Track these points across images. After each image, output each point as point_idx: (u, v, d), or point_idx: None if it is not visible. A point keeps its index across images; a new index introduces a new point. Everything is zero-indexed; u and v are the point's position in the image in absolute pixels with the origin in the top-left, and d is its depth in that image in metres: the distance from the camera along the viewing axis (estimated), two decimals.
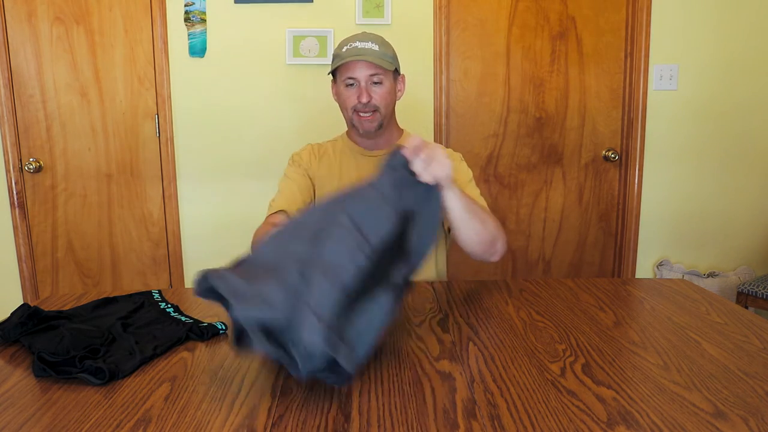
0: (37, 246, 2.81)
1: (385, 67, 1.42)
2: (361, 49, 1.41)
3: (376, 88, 1.44)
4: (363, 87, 1.43)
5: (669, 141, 2.78)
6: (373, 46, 1.42)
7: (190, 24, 2.65)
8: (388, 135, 1.54)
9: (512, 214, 2.86)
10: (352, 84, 1.44)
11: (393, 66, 1.46)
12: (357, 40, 1.43)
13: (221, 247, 2.79)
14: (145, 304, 1.24)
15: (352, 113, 1.46)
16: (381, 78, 1.43)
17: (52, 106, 2.70)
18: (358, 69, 1.42)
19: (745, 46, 2.71)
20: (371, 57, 1.40)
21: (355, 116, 1.46)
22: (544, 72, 2.75)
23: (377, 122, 1.47)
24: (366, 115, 1.45)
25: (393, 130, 1.56)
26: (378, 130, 1.48)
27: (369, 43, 1.43)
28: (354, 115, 1.46)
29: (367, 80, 1.43)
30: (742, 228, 2.86)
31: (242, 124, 2.74)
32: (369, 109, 1.44)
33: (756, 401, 0.83)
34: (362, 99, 1.42)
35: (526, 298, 1.31)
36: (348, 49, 1.43)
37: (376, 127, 1.47)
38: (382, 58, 1.43)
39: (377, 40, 1.45)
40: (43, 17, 2.64)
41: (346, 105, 1.47)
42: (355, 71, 1.42)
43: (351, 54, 1.41)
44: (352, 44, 1.43)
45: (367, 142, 1.54)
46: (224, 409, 0.83)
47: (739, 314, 1.20)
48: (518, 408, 0.82)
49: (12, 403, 0.85)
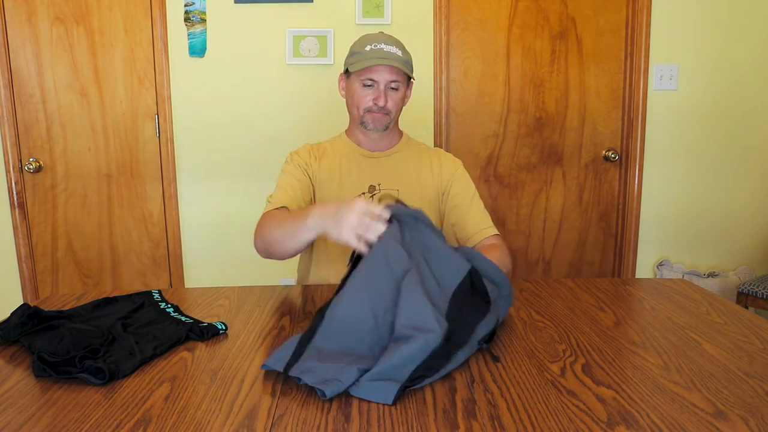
0: (37, 246, 2.81)
1: (408, 74, 1.43)
2: (387, 53, 1.40)
3: (392, 93, 1.44)
4: (382, 90, 1.42)
5: (669, 141, 2.78)
6: (397, 52, 1.42)
7: (190, 24, 2.65)
8: (390, 137, 1.54)
9: (512, 214, 2.86)
10: (371, 85, 1.43)
11: (411, 74, 1.46)
12: (382, 42, 1.42)
13: (221, 247, 2.79)
14: (145, 304, 1.24)
15: (364, 112, 1.46)
16: (398, 84, 1.44)
17: (52, 106, 2.70)
18: (382, 72, 1.41)
19: (745, 46, 2.71)
20: (398, 63, 1.40)
21: (366, 114, 1.46)
22: (544, 72, 2.75)
23: (386, 122, 1.47)
24: (377, 114, 1.45)
25: (395, 132, 1.57)
26: (385, 130, 1.49)
27: (394, 47, 1.42)
28: (365, 114, 1.46)
29: (387, 84, 1.43)
30: (742, 228, 2.86)
31: (242, 124, 2.74)
32: (382, 112, 1.45)
33: (756, 401, 0.83)
34: (379, 102, 1.43)
35: (526, 298, 1.31)
36: (372, 49, 1.41)
37: (385, 126, 1.48)
38: (404, 63, 1.42)
39: (400, 46, 1.45)
40: (43, 17, 2.64)
41: (359, 104, 1.46)
42: (379, 74, 1.41)
43: (377, 56, 1.40)
44: (377, 45, 1.42)
45: (368, 142, 1.53)
46: (224, 409, 0.83)
47: (739, 314, 1.20)
48: (518, 408, 0.82)
49: (12, 403, 0.85)
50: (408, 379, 0.85)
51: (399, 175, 1.52)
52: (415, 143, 1.60)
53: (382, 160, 1.53)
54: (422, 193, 1.51)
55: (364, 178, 1.51)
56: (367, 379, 0.85)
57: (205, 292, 1.41)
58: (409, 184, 1.51)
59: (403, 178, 1.51)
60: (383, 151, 1.53)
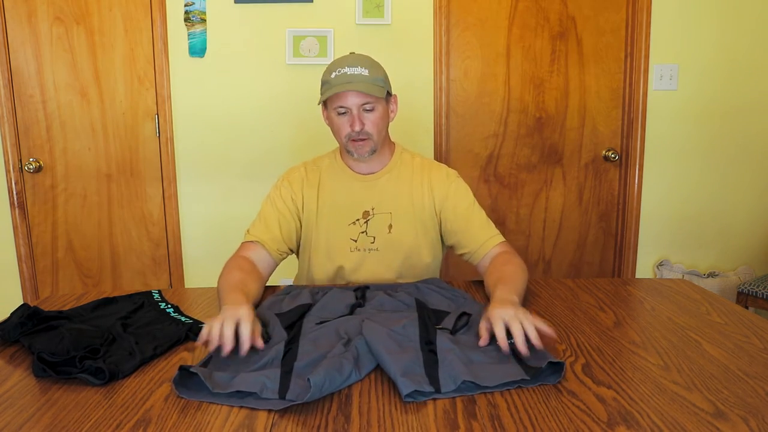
0: (37, 246, 2.81)
1: (376, 95, 1.36)
2: (351, 76, 1.35)
3: (368, 115, 1.38)
4: (355, 115, 1.37)
5: (669, 141, 2.78)
6: (363, 72, 1.36)
7: (190, 24, 2.65)
8: (381, 157, 1.49)
9: (512, 214, 2.86)
10: (344, 112, 1.39)
11: (384, 90, 1.39)
12: (346, 65, 1.37)
13: (221, 247, 2.78)
14: (144, 304, 1.24)
15: (347, 141, 1.41)
16: (373, 105, 1.37)
17: (52, 106, 2.70)
18: (350, 98, 1.36)
19: (745, 46, 2.71)
20: (362, 86, 1.34)
21: (349, 143, 1.41)
22: (544, 72, 2.75)
23: (370, 148, 1.42)
24: (359, 142, 1.40)
25: (386, 149, 1.51)
26: (371, 155, 1.43)
27: (358, 68, 1.36)
28: (348, 142, 1.42)
29: (359, 108, 1.37)
30: (742, 228, 2.86)
31: (242, 124, 2.74)
32: (362, 137, 1.40)
33: (756, 401, 0.83)
34: (355, 127, 1.37)
35: (526, 298, 1.31)
36: (337, 75, 1.37)
37: (369, 152, 1.42)
38: (373, 84, 1.36)
39: (366, 64, 1.38)
40: (43, 17, 2.64)
41: (339, 133, 1.42)
42: (347, 100, 1.37)
43: (341, 81, 1.35)
44: (341, 70, 1.37)
45: (360, 165, 1.49)
46: (224, 409, 0.83)
47: (740, 314, 1.20)
48: (518, 408, 0.82)
49: (12, 403, 0.85)
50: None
51: (392, 197, 1.47)
52: (408, 157, 1.53)
53: (375, 182, 1.48)
54: (415, 215, 1.47)
55: (358, 203, 1.47)
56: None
57: (205, 292, 1.41)
58: (401, 206, 1.47)
59: (396, 201, 1.47)
60: (375, 173, 1.49)
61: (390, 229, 1.45)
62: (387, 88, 1.42)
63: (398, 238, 1.45)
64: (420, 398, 0.85)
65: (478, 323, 1.07)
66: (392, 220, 1.46)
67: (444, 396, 0.85)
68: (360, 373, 0.92)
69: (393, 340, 1.00)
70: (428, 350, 0.98)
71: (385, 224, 1.46)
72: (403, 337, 1.02)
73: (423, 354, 0.96)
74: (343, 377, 0.89)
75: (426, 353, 0.97)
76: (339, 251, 1.46)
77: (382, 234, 1.45)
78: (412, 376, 0.88)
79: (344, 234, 1.46)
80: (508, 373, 0.90)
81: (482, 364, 0.94)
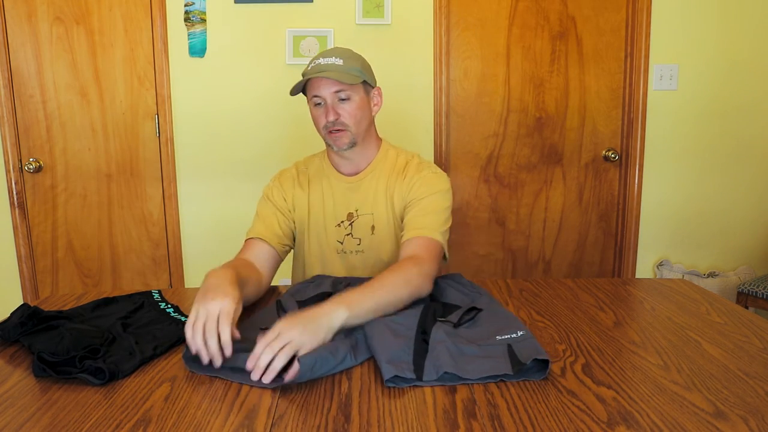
0: (37, 246, 2.81)
1: (349, 82, 1.33)
2: (324, 66, 1.33)
3: (344, 105, 1.35)
4: (329, 105, 1.36)
5: (669, 141, 2.78)
6: (336, 61, 1.34)
7: (190, 24, 2.65)
8: (365, 153, 1.46)
9: (512, 214, 2.86)
10: (320, 103, 1.37)
11: (360, 79, 1.36)
12: (321, 57, 1.36)
13: (221, 246, 2.78)
14: (144, 304, 1.24)
15: (325, 133, 1.40)
16: (348, 94, 1.35)
17: (52, 106, 2.70)
18: (322, 87, 1.35)
19: (745, 46, 2.71)
20: (333, 73, 1.31)
21: (327, 135, 1.40)
22: (544, 72, 2.75)
23: (349, 139, 1.38)
24: (336, 134, 1.38)
25: (370, 145, 1.47)
26: (351, 147, 1.40)
27: (333, 58, 1.34)
28: (327, 135, 1.40)
29: (333, 97, 1.35)
30: (742, 228, 2.86)
31: (242, 124, 2.74)
32: (338, 127, 1.36)
33: (756, 401, 0.83)
34: (329, 117, 1.35)
35: (526, 298, 1.31)
36: (312, 66, 1.36)
37: (347, 144, 1.39)
38: (347, 72, 1.33)
39: (343, 54, 1.36)
40: (43, 17, 2.64)
41: (318, 125, 1.40)
42: (320, 89, 1.35)
43: (313, 72, 1.34)
44: (316, 61, 1.36)
45: (344, 164, 1.46)
46: (224, 409, 0.83)
47: (739, 314, 1.20)
48: (518, 408, 0.82)
49: (12, 403, 0.85)
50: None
51: (373, 198, 1.45)
52: (393, 154, 1.48)
53: (359, 184, 1.46)
54: (394, 214, 1.44)
55: (343, 205, 1.46)
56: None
57: None
58: (381, 206, 1.44)
59: (376, 202, 1.45)
60: (358, 173, 1.46)
61: (373, 230, 1.44)
62: (364, 77, 1.38)
63: (381, 239, 1.44)
64: (402, 384, 0.88)
65: (485, 318, 1.10)
66: (374, 221, 1.44)
67: (424, 384, 0.88)
68: (355, 359, 0.96)
69: (389, 329, 1.02)
70: (422, 340, 1.00)
71: (368, 226, 1.45)
72: (402, 326, 1.05)
73: (415, 343, 0.99)
74: (337, 360, 0.93)
75: (419, 342, 0.99)
76: (328, 254, 1.46)
77: (367, 236, 1.44)
78: (397, 363, 0.91)
79: (332, 236, 1.46)
80: (493, 367, 0.91)
81: (472, 357, 0.95)
